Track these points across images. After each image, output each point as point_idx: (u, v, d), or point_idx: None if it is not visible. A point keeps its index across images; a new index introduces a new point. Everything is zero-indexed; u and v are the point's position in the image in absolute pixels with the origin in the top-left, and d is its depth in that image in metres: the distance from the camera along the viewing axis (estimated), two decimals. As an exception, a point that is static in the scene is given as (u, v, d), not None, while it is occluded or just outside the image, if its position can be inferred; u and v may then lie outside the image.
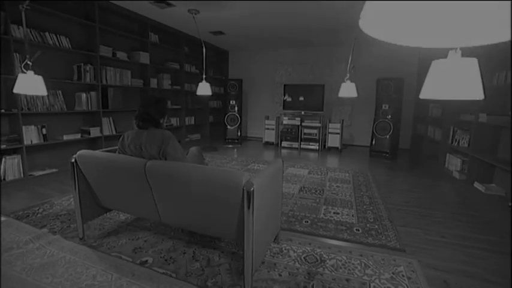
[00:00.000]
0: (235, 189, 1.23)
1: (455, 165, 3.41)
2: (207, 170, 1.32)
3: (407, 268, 1.57)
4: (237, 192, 1.23)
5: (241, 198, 1.24)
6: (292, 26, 4.59)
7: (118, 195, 1.68)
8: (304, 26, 4.62)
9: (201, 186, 1.31)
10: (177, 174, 1.35)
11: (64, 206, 2.37)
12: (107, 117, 3.85)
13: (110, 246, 1.74)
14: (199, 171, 1.31)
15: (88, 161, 1.64)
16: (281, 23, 4.46)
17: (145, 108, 1.62)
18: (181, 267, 1.53)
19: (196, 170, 1.33)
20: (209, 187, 1.29)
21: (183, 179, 1.34)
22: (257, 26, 4.61)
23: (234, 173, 1.24)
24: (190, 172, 1.32)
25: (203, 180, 1.29)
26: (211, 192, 1.30)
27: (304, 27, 4.66)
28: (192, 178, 1.31)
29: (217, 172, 1.29)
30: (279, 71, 6.72)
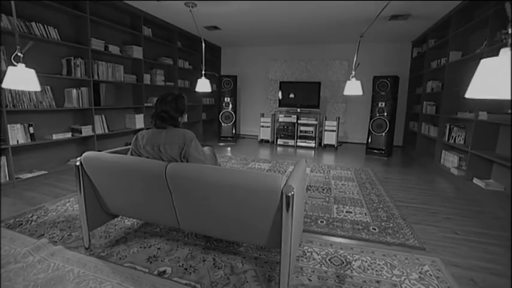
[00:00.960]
0: (273, 193, 1.15)
1: (452, 162, 3.51)
2: (241, 173, 1.23)
3: (433, 267, 1.57)
4: (275, 196, 1.16)
5: (279, 202, 1.16)
6: (288, 22, 4.52)
7: (130, 200, 1.55)
8: (300, 23, 4.58)
9: (232, 190, 1.22)
10: (204, 178, 1.25)
11: (60, 212, 2.19)
12: (99, 115, 3.63)
13: (121, 256, 1.61)
14: (232, 175, 1.22)
15: (96, 163, 1.50)
16: (277, 20, 4.38)
17: (163, 105, 1.49)
18: (204, 277, 1.44)
19: (229, 173, 1.24)
20: (242, 191, 1.20)
21: (212, 183, 1.24)
22: (253, 21, 4.51)
23: (272, 177, 1.16)
24: (221, 176, 1.23)
25: (236, 184, 1.20)
26: (244, 196, 1.21)
27: (300, 24, 4.61)
28: (223, 182, 1.22)
29: (253, 175, 1.20)
30: (272, 68, 6.65)
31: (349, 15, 4.04)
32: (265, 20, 4.41)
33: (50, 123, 3.19)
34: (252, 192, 1.19)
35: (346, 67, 6.10)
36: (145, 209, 1.54)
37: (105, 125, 3.72)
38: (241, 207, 1.26)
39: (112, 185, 1.53)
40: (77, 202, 2.39)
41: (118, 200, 1.59)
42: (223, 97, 5.87)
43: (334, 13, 3.99)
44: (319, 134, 5.76)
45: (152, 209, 1.51)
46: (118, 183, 1.50)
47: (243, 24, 4.73)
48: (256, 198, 1.20)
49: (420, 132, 4.71)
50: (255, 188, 1.18)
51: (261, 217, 1.25)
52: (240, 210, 1.27)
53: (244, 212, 1.27)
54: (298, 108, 5.78)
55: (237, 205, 1.26)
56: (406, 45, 5.63)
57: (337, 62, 6.15)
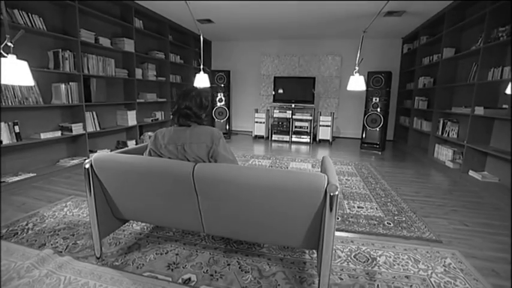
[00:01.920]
0: (316, 192, 1.11)
1: (446, 155, 3.64)
2: (281, 173, 1.18)
3: (454, 259, 1.60)
4: (318, 195, 1.11)
5: (321, 202, 1.12)
6: (281, 17, 4.45)
7: (148, 204, 1.44)
8: (292, 18, 4.52)
9: (271, 192, 1.16)
10: (239, 180, 1.18)
11: (59, 219, 2.02)
12: (90, 112, 3.40)
13: (138, 265, 1.50)
14: (272, 176, 1.16)
15: (110, 165, 1.37)
16: (270, 13, 4.30)
17: (186, 101, 1.38)
18: (233, 282, 1.38)
19: (268, 174, 1.17)
20: (282, 192, 1.15)
21: (247, 185, 1.17)
22: (247, 14, 4.39)
23: (315, 176, 1.12)
24: (259, 177, 1.16)
25: (275, 185, 1.15)
26: (283, 197, 1.16)
27: (292, 19, 4.56)
28: (260, 183, 1.16)
29: (295, 175, 1.15)
30: (265, 63, 6.58)
31: (342, 10, 4.04)
32: (258, 13, 4.32)
33: (37, 121, 2.94)
34: (293, 192, 1.14)
35: (339, 62, 6.15)
36: (166, 213, 1.44)
37: (97, 123, 3.50)
38: (278, 209, 1.20)
39: (127, 188, 1.42)
40: (76, 206, 2.23)
41: (133, 204, 1.48)
42: (217, 92, 5.73)
43: (328, 8, 3.98)
44: (313, 130, 5.79)
45: (174, 213, 1.42)
46: (135, 187, 1.39)
47: (236, 18, 4.61)
48: (296, 199, 1.15)
49: (412, 126, 4.85)
50: (297, 188, 1.13)
51: (299, 218, 1.20)
52: (277, 212, 1.21)
53: (281, 213, 1.21)
54: (293, 104, 5.77)
55: (273, 207, 1.20)
56: (397, 42, 5.75)
57: (330, 57, 6.18)
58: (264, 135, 5.98)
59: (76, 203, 2.29)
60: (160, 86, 4.93)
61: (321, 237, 1.17)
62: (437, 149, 3.91)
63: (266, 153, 4.56)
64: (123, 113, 3.98)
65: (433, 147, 3.99)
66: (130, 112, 4.00)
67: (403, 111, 5.61)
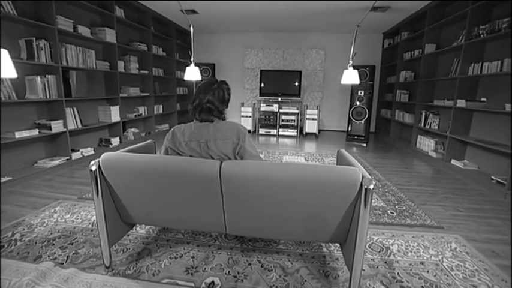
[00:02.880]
0: (351, 186, 1.10)
1: (429, 146, 3.87)
2: (315, 168, 1.15)
3: (459, 244, 1.71)
4: (352, 189, 1.11)
5: (355, 196, 1.12)
6: (265, 9, 4.38)
7: (165, 206, 1.35)
8: (277, 10, 4.46)
9: (304, 187, 1.14)
10: (272, 177, 1.14)
11: (50, 226, 1.83)
12: (70, 108, 3.12)
13: (154, 272, 1.41)
14: (305, 171, 1.13)
15: (122, 166, 1.26)
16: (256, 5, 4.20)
17: (208, 95, 1.29)
18: (260, 282, 1.34)
19: (301, 169, 1.14)
20: (315, 187, 1.13)
21: (280, 181, 1.14)
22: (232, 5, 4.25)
23: (350, 170, 1.11)
24: (293, 172, 1.13)
25: (309, 180, 1.12)
26: (316, 193, 1.14)
27: (277, 11, 4.50)
28: (294, 179, 1.13)
29: (329, 170, 1.13)
30: (248, 56, 6.48)
31: (327, 4, 4.06)
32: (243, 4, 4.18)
33: (10, 118, 2.63)
34: (327, 187, 1.13)
35: (323, 56, 6.23)
36: (184, 215, 1.36)
37: (78, 119, 3.22)
38: (310, 204, 1.18)
39: (141, 190, 1.31)
40: (67, 212, 2.05)
41: (147, 207, 1.38)
42: (202, 86, 5.54)
43: (313, 2, 3.97)
44: (300, 123, 5.86)
45: (193, 215, 1.34)
46: (150, 188, 1.29)
47: (220, 8, 4.44)
48: (330, 194, 1.14)
49: (394, 118, 5.08)
50: (331, 182, 1.12)
51: (330, 213, 1.19)
52: (308, 208, 1.20)
53: (312, 209, 1.20)
54: (279, 97, 5.77)
55: (305, 202, 1.18)
56: (377, 36, 5.95)
57: (314, 51, 6.24)
58: (251, 129, 5.93)
59: (66, 208, 2.10)
60: (143, 79, 4.66)
61: (350, 231, 1.17)
62: (420, 140, 4.14)
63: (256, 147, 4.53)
64: (106, 109, 3.71)
65: (416, 138, 4.23)
66: (114, 107, 3.74)
67: (384, 104, 5.85)
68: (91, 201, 2.24)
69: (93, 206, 2.13)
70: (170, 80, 5.50)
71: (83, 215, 1.99)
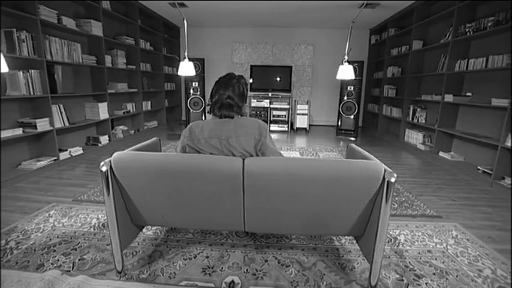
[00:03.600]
0: (374, 180, 1.13)
1: (417, 139, 4.04)
2: (340, 163, 1.16)
3: (458, 231, 1.80)
4: (375, 183, 1.14)
5: (377, 189, 1.15)
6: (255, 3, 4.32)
7: (181, 206, 1.31)
8: (267, 5, 4.41)
9: (329, 182, 1.14)
10: (298, 172, 1.13)
11: (48, 232, 1.73)
12: (56, 105, 2.93)
13: (169, 274, 1.36)
14: (331, 166, 1.14)
15: (136, 166, 1.20)
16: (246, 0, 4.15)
17: (228, 91, 1.26)
18: (280, 278, 1.35)
19: (327, 164, 1.15)
20: (340, 182, 1.14)
21: (306, 177, 1.14)
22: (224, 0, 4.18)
23: (374, 164, 1.14)
24: (319, 168, 1.13)
25: (334, 175, 1.13)
26: (341, 187, 1.15)
27: (266, 6, 4.46)
28: (319, 174, 1.13)
29: (354, 164, 1.15)
30: (237, 51, 6.41)
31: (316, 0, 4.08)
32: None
33: (-8, 117, 2.43)
34: (350, 181, 1.14)
35: (312, 52, 6.28)
36: (201, 214, 1.32)
37: (65, 117, 3.04)
38: (333, 199, 1.19)
39: (157, 190, 1.26)
40: (63, 215, 1.94)
41: (162, 207, 1.33)
42: (192, 82, 5.41)
43: None
44: (291, 118, 5.90)
45: (211, 214, 1.31)
46: (166, 188, 1.24)
47: (210, 2, 4.32)
48: (352, 188, 1.16)
49: (382, 113, 5.25)
50: (355, 176, 1.13)
51: (351, 206, 1.21)
52: (331, 202, 1.21)
53: (335, 203, 1.21)
54: (270, 93, 5.77)
55: (329, 197, 1.19)
56: (364, 33, 6.08)
57: (303, 46, 6.28)
58: (242, 125, 5.89)
59: (62, 212, 1.98)
60: (130, 74, 4.47)
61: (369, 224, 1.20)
62: (408, 134, 4.31)
63: (250, 143, 4.51)
64: (93, 106, 3.52)
65: (404, 132, 4.39)
66: (102, 104, 3.57)
67: (371, 98, 6.02)
68: (88, 204, 2.13)
69: (91, 209, 2.04)
70: (158, 76, 5.32)
71: (81, 219, 1.89)
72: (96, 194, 2.30)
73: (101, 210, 2.01)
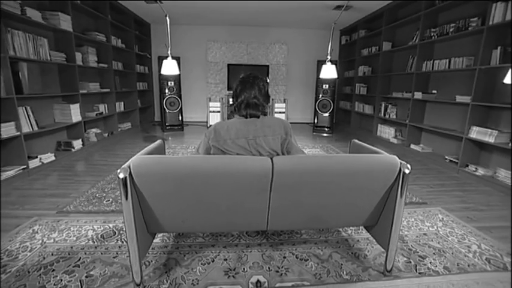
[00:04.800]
0: (391, 172, 1.22)
1: (389, 133, 4.38)
2: (362, 158, 1.23)
3: (443, 215, 2.02)
4: (392, 175, 1.23)
5: (393, 181, 1.24)
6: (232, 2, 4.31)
7: (204, 210, 1.27)
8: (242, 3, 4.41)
9: (352, 176, 1.21)
10: (326, 169, 1.18)
11: (39, 250, 1.54)
12: (22, 107, 2.61)
13: (192, 281, 1.31)
14: (354, 161, 1.20)
15: (160, 171, 1.14)
16: None
17: (253, 90, 1.26)
18: (303, 273, 1.38)
19: (351, 159, 1.21)
20: (361, 175, 1.21)
21: (331, 173, 1.19)
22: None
23: (389, 157, 1.23)
24: (344, 163, 1.19)
25: (356, 169, 1.20)
26: (361, 180, 1.23)
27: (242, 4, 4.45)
28: (344, 169, 1.19)
29: (374, 158, 1.22)
30: (212, 50, 6.30)
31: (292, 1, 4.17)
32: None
33: None
34: (370, 174, 1.22)
35: (286, 51, 6.42)
36: (225, 217, 1.30)
37: (33, 121, 2.73)
38: (353, 192, 1.26)
39: (180, 195, 1.21)
40: (51, 230, 1.76)
41: (183, 213, 1.28)
42: (167, 81, 5.19)
43: None
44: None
45: (236, 215, 1.30)
46: (190, 193, 1.20)
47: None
48: (372, 180, 1.24)
49: (354, 110, 5.58)
50: (374, 169, 1.22)
51: (370, 197, 1.30)
52: (352, 195, 1.27)
53: (355, 196, 1.28)
54: (247, 92, 5.77)
55: (350, 190, 1.26)
56: (335, 33, 6.38)
57: (277, 45, 6.38)
58: (221, 125, 5.82)
59: (49, 226, 1.79)
60: (102, 73, 4.15)
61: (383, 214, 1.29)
62: (380, 128, 4.65)
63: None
64: (64, 107, 3.21)
65: (376, 127, 4.73)
66: (74, 106, 3.26)
67: (343, 96, 6.36)
68: (76, 215, 1.95)
69: (82, 220, 1.87)
70: (130, 75, 5.01)
71: (75, 232, 1.73)
72: (83, 203, 2.12)
73: (95, 221, 1.86)
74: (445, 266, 1.45)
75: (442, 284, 1.32)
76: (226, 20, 5.60)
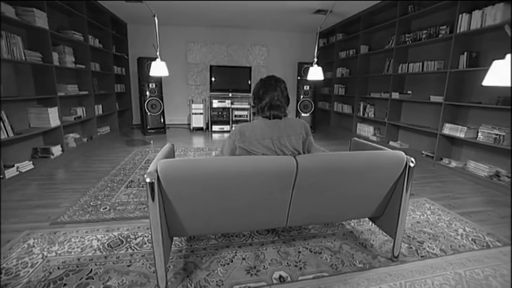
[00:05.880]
0: (399, 166, 1.34)
1: (368, 131, 4.66)
2: (374, 154, 1.33)
3: (430, 204, 2.22)
4: (399, 168, 1.35)
5: (400, 174, 1.37)
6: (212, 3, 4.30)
7: (228, 211, 1.29)
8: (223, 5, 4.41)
9: (365, 171, 1.31)
10: (343, 165, 1.26)
11: (42, 264, 1.44)
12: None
13: (217, 282, 1.32)
14: (367, 157, 1.30)
15: (190, 173, 1.12)
16: None
17: (276, 92, 1.31)
18: (321, 264, 1.46)
19: (364, 156, 1.30)
20: (373, 170, 1.32)
21: (348, 169, 1.28)
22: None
23: (397, 153, 1.35)
24: (359, 160, 1.28)
25: (369, 165, 1.30)
26: (373, 175, 1.33)
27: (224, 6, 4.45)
28: (359, 165, 1.28)
29: (384, 154, 1.33)
30: (192, 51, 6.20)
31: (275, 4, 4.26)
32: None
33: None
34: (381, 168, 1.33)
35: (266, 53, 6.52)
36: (247, 216, 1.33)
37: (8, 126, 2.50)
38: (366, 186, 1.37)
39: (207, 197, 1.21)
40: (50, 243, 1.65)
41: (208, 215, 1.28)
42: (148, 83, 5.02)
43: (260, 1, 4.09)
44: (252, 117, 6.03)
45: (258, 214, 1.33)
46: (217, 193, 1.21)
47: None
48: (383, 173, 1.35)
49: (333, 109, 5.84)
50: (385, 164, 1.33)
51: (379, 190, 1.41)
52: (365, 189, 1.38)
53: (368, 189, 1.38)
54: (230, 93, 5.78)
55: (363, 184, 1.35)
56: (313, 36, 6.61)
57: (257, 47, 6.46)
58: (203, 126, 5.76)
59: (46, 239, 1.67)
60: (79, 75, 3.90)
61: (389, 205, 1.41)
62: (359, 127, 4.93)
63: (213, 145, 4.47)
64: (41, 111, 2.98)
65: (356, 126, 5.01)
66: (52, 109, 3.04)
67: (321, 96, 6.62)
68: (74, 225, 1.84)
69: (82, 230, 1.78)
70: (108, 76, 4.77)
71: (77, 243, 1.63)
72: (78, 213, 2.00)
73: (97, 230, 1.77)
74: (441, 249, 1.62)
75: (442, 264, 1.48)
76: (206, 21, 5.54)
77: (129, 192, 2.38)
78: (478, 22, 2.70)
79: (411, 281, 1.34)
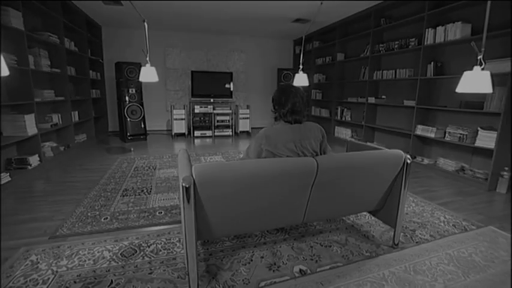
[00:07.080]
0: (399, 163, 1.52)
1: (346, 134, 4.98)
2: (381, 153, 1.48)
3: (414, 197, 2.48)
4: (399, 165, 1.53)
5: (399, 171, 1.55)
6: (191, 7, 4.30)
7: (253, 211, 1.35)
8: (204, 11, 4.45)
9: (372, 168, 1.46)
10: (356, 164, 1.40)
11: (55, 280, 1.37)
12: (-29, 121, 2.17)
13: (243, 281, 1.37)
14: (376, 155, 1.46)
15: (227, 176, 1.17)
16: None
17: (297, 98, 1.42)
18: (333, 257, 1.58)
19: (373, 155, 1.45)
20: (379, 167, 1.48)
21: (359, 167, 1.42)
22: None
23: (397, 151, 1.53)
24: (369, 158, 1.43)
25: (376, 162, 1.46)
26: (378, 171, 1.49)
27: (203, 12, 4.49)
28: (368, 164, 1.43)
29: (388, 153, 1.50)
30: (170, 56, 6.11)
31: (254, 12, 4.41)
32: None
33: None
34: (385, 165, 1.50)
35: (245, 59, 6.64)
36: (269, 215, 1.41)
37: (-16, 137, 2.28)
38: (372, 181, 1.52)
39: (238, 198, 1.26)
40: (56, 257, 1.57)
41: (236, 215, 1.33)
42: (128, 88, 4.84)
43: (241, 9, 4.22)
44: (234, 122, 6.09)
45: (278, 212, 1.41)
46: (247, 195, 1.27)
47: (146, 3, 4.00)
48: (386, 170, 1.52)
49: (311, 114, 6.13)
50: (388, 161, 1.50)
51: (382, 185, 1.57)
52: (371, 184, 1.53)
53: (374, 184, 1.54)
54: (212, 99, 5.79)
55: (370, 180, 1.51)
56: (288, 43, 6.89)
57: (236, 53, 6.56)
58: (185, 132, 5.68)
59: (50, 254, 1.58)
60: (54, 79, 3.65)
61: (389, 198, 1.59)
62: (338, 130, 5.24)
63: (205, 150, 4.46)
64: (16, 118, 2.75)
65: (334, 129, 5.32)
66: (28, 116, 2.82)
67: (300, 102, 6.90)
68: (77, 237, 1.76)
69: (89, 242, 1.71)
70: (83, 81, 4.51)
71: (87, 255, 1.57)
72: (77, 225, 1.90)
73: (104, 241, 1.71)
74: (431, 234, 1.84)
75: (434, 247, 1.69)
76: (184, 26, 5.51)
77: (127, 201, 2.30)
78: (442, 36, 3.09)
79: (413, 263, 1.52)
